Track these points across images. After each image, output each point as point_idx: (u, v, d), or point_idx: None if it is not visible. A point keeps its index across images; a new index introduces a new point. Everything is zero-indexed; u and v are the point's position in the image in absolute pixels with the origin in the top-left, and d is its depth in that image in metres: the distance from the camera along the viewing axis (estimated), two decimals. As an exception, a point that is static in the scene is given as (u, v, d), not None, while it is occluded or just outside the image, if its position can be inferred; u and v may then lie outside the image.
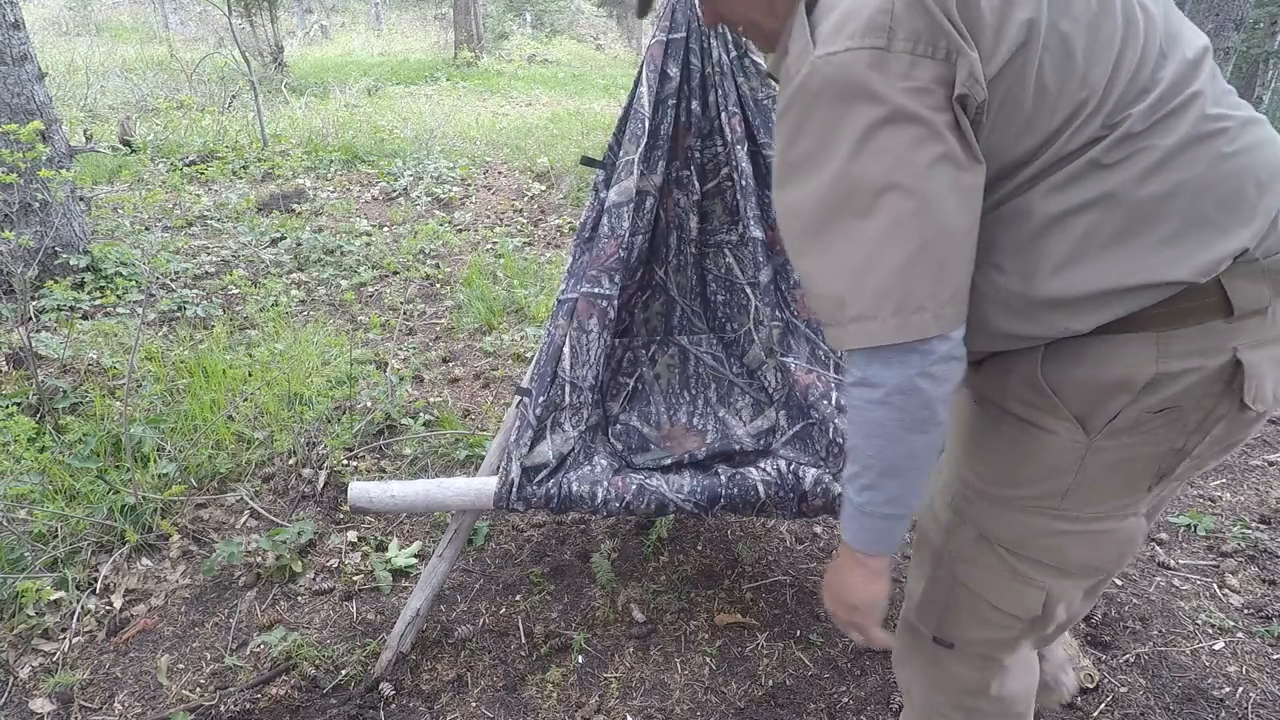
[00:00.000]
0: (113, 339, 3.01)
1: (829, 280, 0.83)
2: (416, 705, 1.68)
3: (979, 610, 1.02)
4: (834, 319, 0.84)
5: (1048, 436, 0.91)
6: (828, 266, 0.83)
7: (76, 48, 11.35)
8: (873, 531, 0.91)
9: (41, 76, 3.49)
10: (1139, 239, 0.82)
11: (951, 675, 1.10)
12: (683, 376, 1.92)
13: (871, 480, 0.88)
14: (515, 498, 1.60)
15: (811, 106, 0.81)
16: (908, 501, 0.88)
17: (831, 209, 0.81)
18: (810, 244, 0.84)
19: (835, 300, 0.83)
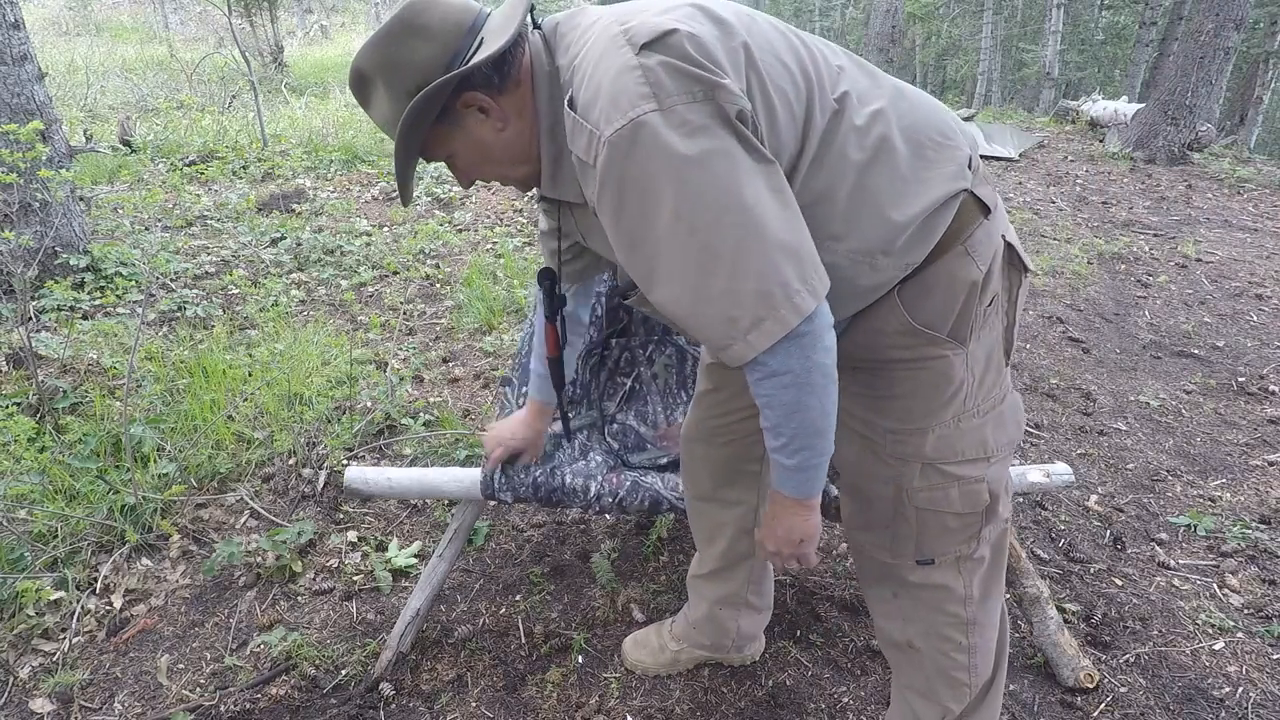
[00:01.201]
0: (113, 339, 3.02)
1: (711, 311, 0.93)
2: (416, 705, 1.68)
3: (945, 523, 1.16)
4: (730, 338, 0.93)
5: (939, 362, 1.08)
6: (703, 300, 0.92)
7: (76, 48, 11.35)
8: (810, 481, 1.05)
9: (41, 76, 3.49)
10: (920, 169, 1.02)
11: (942, 589, 1.21)
12: (680, 376, 1.92)
13: (801, 444, 1.01)
14: (502, 486, 1.60)
15: (622, 178, 0.90)
16: (830, 442, 1.01)
17: (681, 254, 0.91)
18: (679, 290, 0.93)
19: (724, 323, 0.92)
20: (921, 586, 1.22)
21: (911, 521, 1.17)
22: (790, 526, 1.11)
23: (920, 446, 1.12)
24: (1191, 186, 7.12)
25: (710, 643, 1.70)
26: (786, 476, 1.06)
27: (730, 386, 1.42)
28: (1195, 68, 7.76)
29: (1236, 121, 15.49)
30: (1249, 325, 3.98)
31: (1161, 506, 2.46)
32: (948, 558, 1.19)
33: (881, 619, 1.31)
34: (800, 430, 0.99)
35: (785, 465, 1.04)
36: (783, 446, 1.02)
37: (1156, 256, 5.02)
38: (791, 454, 1.02)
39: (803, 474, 1.05)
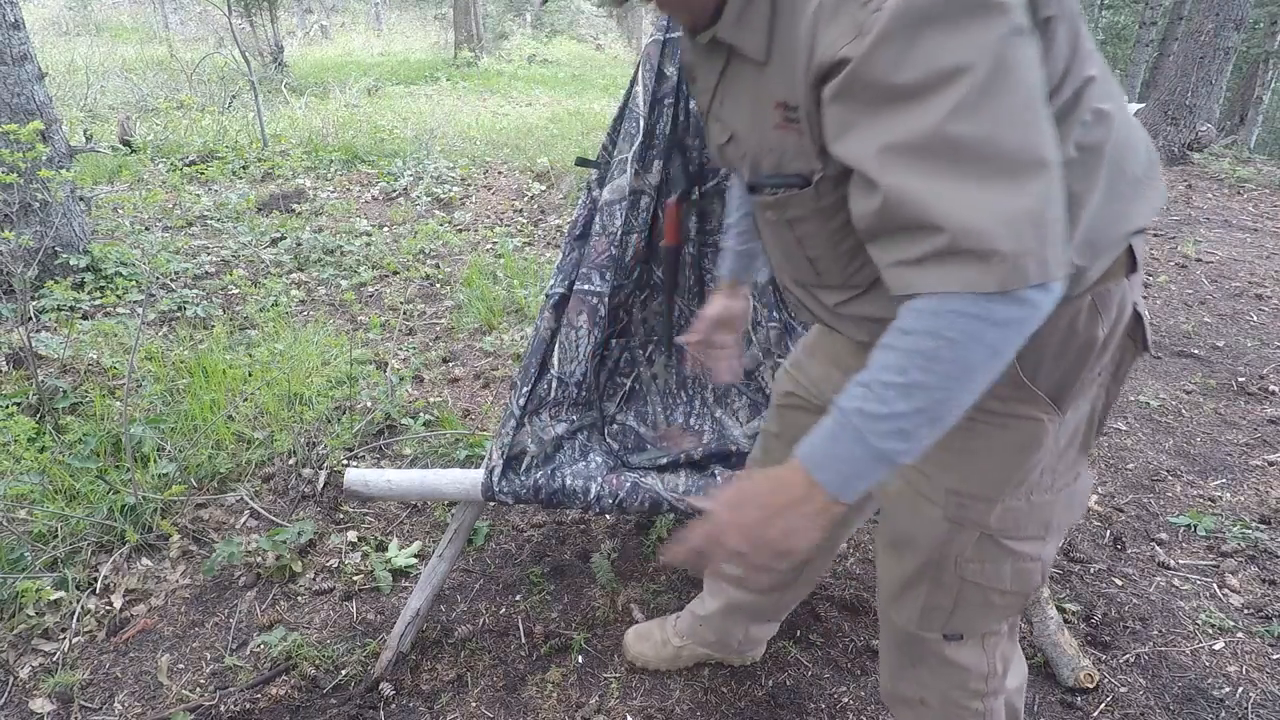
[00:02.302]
0: (113, 339, 3.02)
1: (986, 210, 0.70)
2: (416, 705, 1.68)
3: (988, 599, 1.04)
4: (987, 249, 0.70)
5: (1029, 425, 0.92)
6: (985, 198, 0.70)
7: (76, 48, 11.35)
8: (863, 478, 0.78)
9: (41, 76, 3.49)
10: (1117, 195, 0.86)
11: (964, 665, 1.11)
12: (680, 377, 1.92)
13: (912, 427, 0.75)
14: (502, 488, 1.60)
15: (921, 26, 0.71)
16: (914, 458, 0.78)
17: (972, 136, 0.70)
18: (953, 175, 0.71)
19: (979, 235, 0.70)
20: (944, 661, 1.11)
21: (951, 592, 1.04)
22: (790, 530, 0.81)
23: (984, 515, 0.98)
24: (1191, 186, 7.12)
25: (716, 641, 1.68)
26: (842, 456, 0.78)
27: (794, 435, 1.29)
28: (1195, 68, 7.76)
29: (1236, 121, 15.50)
30: (1249, 325, 3.98)
31: (1161, 506, 2.46)
32: (977, 636, 1.09)
33: (892, 680, 1.22)
34: (937, 409, 0.74)
35: (861, 438, 0.76)
36: (888, 416, 0.75)
37: (1156, 256, 5.02)
38: (885, 434, 0.75)
39: (866, 464, 0.77)
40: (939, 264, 0.72)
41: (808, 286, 1.00)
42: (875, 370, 0.76)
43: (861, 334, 0.99)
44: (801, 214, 0.90)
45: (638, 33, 20.57)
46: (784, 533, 0.81)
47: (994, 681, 1.13)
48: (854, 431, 0.76)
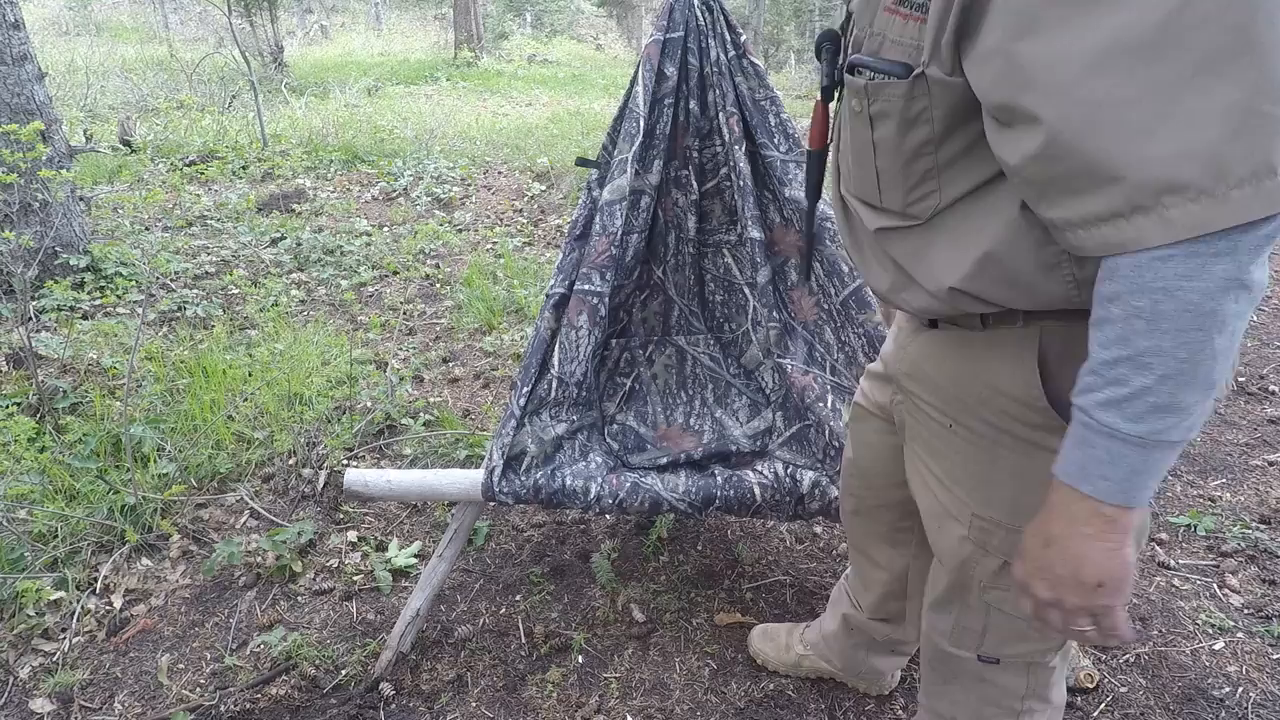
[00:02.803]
0: (113, 339, 3.02)
1: (1201, 130, 0.58)
2: (416, 705, 1.68)
3: (1018, 628, 0.99)
4: (1196, 186, 0.59)
5: (1054, 457, 0.81)
6: (1191, 108, 0.58)
7: (76, 48, 11.35)
8: (1145, 472, 0.67)
9: (41, 76, 3.49)
10: None
11: (1001, 686, 1.07)
12: (680, 377, 1.92)
13: (1168, 397, 0.64)
14: (502, 488, 1.60)
15: None
16: (1197, 423, 0.67)
17: (1201, 37, 0.58)
18: (1158, 83, 0.59)
19: (1207, 159, 0.59)
20: (980, 681, 1.06)
21: (980, 616, 0.99)
22: (1084, 557, 0.71)
23: (1006, 544, 0.92)
24: (1191, 186, 7.12)
25: (839, 661, 1.63)
26: (1103, 458, 0.68)
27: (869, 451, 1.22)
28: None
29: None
30: (1249, 325, 3.98)
31: (1161, 506, 2.46)
32: (1016, 663, 1.03)
33: (928, 696, 1.20)
34: (1176, 375, 0.63)
35: (1116, 434, 0.66)
36: (1122, 400, 0.65)
37: (1156, 256, 5.02)
38: (1139, 415, 0.65)
39: (1136, 456, 0.67)
40: (1142, 210, 0.61)
41: (864, 202, 0.90)
42: (1096, 351, 0.67)
43: (883, 278, 0.92)
44: (886, 110, 0.79)
45: (638, 33, 20.57)
46: (1076, 562, 0.72)
47: (1030, 702, 1.08)
48: (1104, 428, 0.67)
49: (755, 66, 1.75)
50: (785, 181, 1.73)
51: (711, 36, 1.71)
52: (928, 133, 0.78)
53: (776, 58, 17.26)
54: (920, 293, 0.87)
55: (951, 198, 0.80)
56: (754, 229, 1.75)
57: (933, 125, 0.77)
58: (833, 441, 1.64)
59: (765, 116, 1.74)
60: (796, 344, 1.79)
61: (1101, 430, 0.67)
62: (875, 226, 0.89)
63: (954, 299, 0.83)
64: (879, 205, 0.87)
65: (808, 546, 2.17)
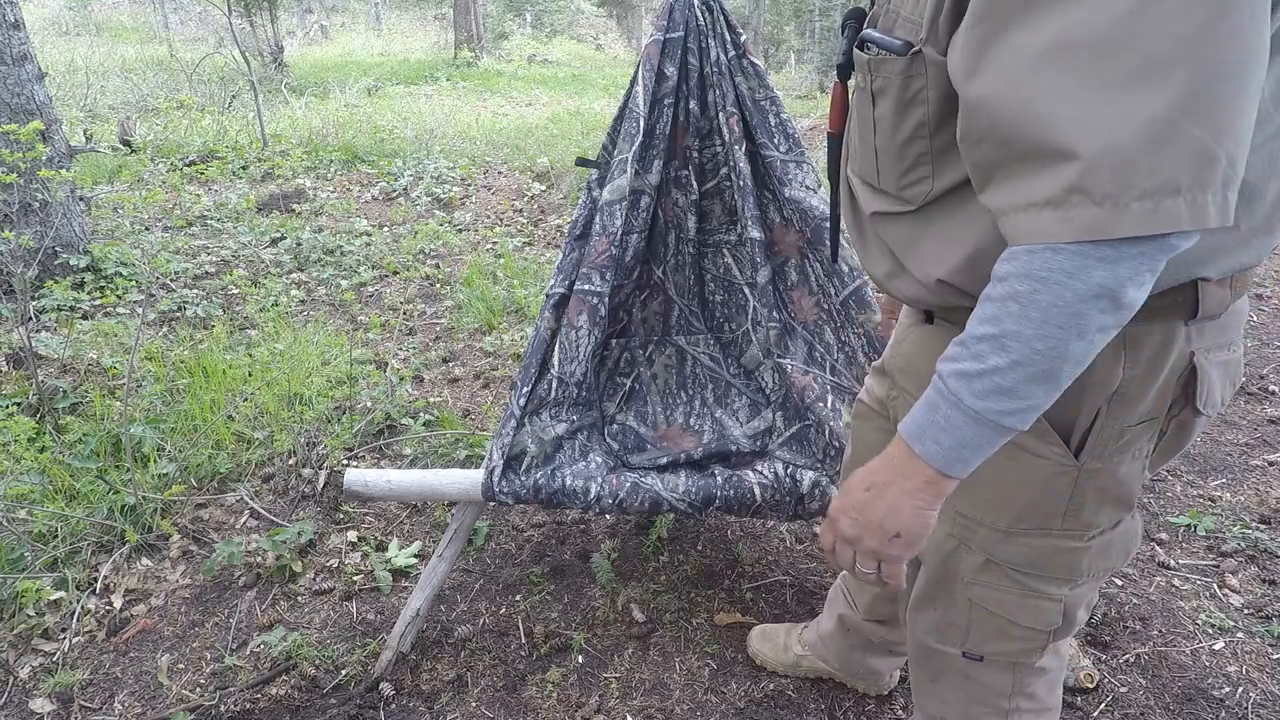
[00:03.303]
0: (113, 339, 3.02)
1: (1122, 135, 0.59)
2: (416, 705, 1.68)
3: (1000, 626, 0.99)
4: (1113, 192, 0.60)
5: (1039, 464, 0.85)
6: (1120, 112, 0.59)
7: (76, 48, 11.36)
8: (971, 446, 0.71)
9: (41, 76, 3.49)
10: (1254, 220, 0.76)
11: (986, 684, 1.07)
12: (680, 377, 1.92)
13: (1013, 382, 0.67)
14: (502, 488, 1.60)
15: None
16: (1030, 418, 0.70)
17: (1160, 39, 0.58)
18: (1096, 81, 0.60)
19: (1123, 163, 0.59)
20: (966, 679, 1.07)
21: (963, 609, 1.00)
22: (894, 506, 0.76)
23: (990, 543, 0.93)
24: (1191, 186, 7.12)
25: (836, 661, 1.64)
26: (941, 424, 0.71)
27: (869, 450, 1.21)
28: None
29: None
30: (1249, 325, 3.98)
31: (1161, 506, 2.46)
32: (1001, 661, 1.03)
33: (918, 695, 1.21)
34: (1026, 366, 0.66)
35: (959, 402, 0.70)
36: (974, 374, 0.69)
37: (1156, 256, 5.02)
38: (983, 393, 0.68)
39: (973, 431, 0.70)
40: (1062, 205, 0.62)
41: (864, 182, 0.91)
42: (970, 325, 0.69)
43: (880, 264, 0.92)
44: (885, 86, 0.80)
45: (638, 33, 20.57)
46: (888, 511, 0.76)
47: (1017, 699, 1.08)
48: (951, 396, 0.70)
49: (755, 66, 1.75)
50: (785, 181, 1.73)
51: (711, 36, 1.71)
52: (923, 114, 0.78)
53: (776, 58, 17.26)
54: (911, 281, 0.88)
55: (943, 187, 0.80)
56: (754, 229, 1.75)
57: (928, 107, 0.77)
58: (833, 441, 1.64)
59: (765, 116, 1.74)
60: (796, 344, 1.79)
61: (948, 397, 0.71)
62: (872, 210, 0.90)
63: (941, 291, 0.84)
64: (876, 185, 0.88)
65: (808, 546, 2.17)
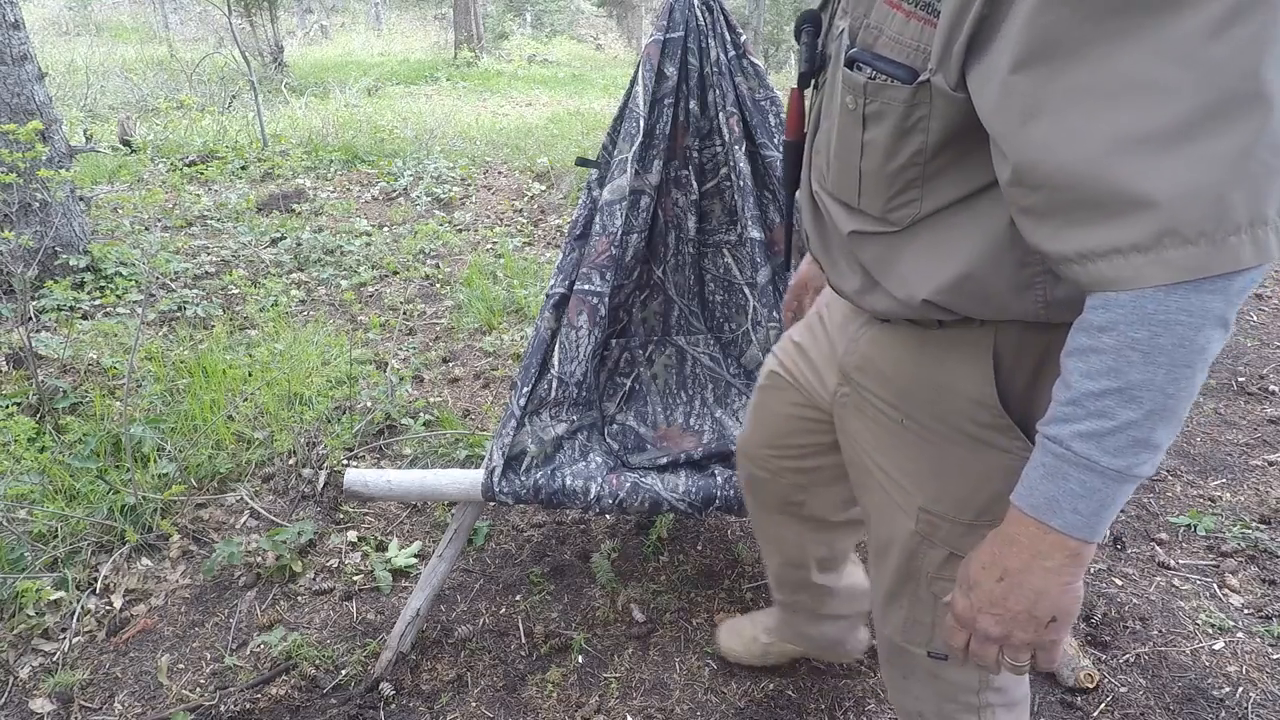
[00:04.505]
0: (113, 339, 3.02)
1: (1211, 177, 0.58)
2: (416, 705, 1.68)
3: None
4: (1200, 232, 0.58)
5: (1005, 458, 0.85)
6: (1210, 168, 0.58)
7: (76, 48, 11.36)
8: (1112, 506, 0.68)
9: (41, 76, 3.49)
10: None
11: (954, 681, 1.08)
12: (680, 377, 1.92)
13: (1149, 432, 0.64)
14: (502, 488, 1.60)
15: None
16: (1160, 458, 0.68)
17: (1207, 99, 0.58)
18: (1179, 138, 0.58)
19: (1210, 202, 0.58)
20: (933, 677, 1.08)
21: (928, 606, 1.00)
22: (1043, 592, 0.71)
23: (953, 538, 0.93)
24: (1191, 186, 7.12)
25: (803, 644, 1.65)
26: (1076, 491, 0.68)
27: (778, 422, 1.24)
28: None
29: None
30: (1249, 325, 3.98)
31: (1161, 506, 2.46)
32: None
33: (892, 692, 1.21)
34: (1152, 415, 0.64)
35: (1095, 467, 0.66)
36: (1100, 434, 0.65)
37: (1156, 256, 5.02)
38: (1116, 451, 0.65)
39: (1109, 490, 0.67)
40: (1149, 250, 0.60)
41: (840, 202, 0.88)
42: (1080, 382, 0.65)
43: (851, 280, 0.92)
44: (883, 112, 0.76)
45: (638, 33, 20.57)
46: (1036, 597, 0.71)
47: (987, 694, 1.09)
48: (1081, 460, 0.66)
49: (755, 66, 1.75)
50: (785, 181, 1.73)
51: (711, 36, 1.71)
52: (921, 142, 0.75)
53: (776, 58, 17.26)
54: (885, 297, 0.87)
55: (932, 208, 0.79)
56: (754, 229, 1.75)
57: (927, 136, 0.75)
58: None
59: (765, 116, 1.74)
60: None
61: (1078, 462, 0.67)
62: (849, 229, 0.87)
63: (924, 309, 0.83)
64: (856, 207, 0.85)
65: (808, 546, 2.17)
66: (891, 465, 0.97)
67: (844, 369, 1.03)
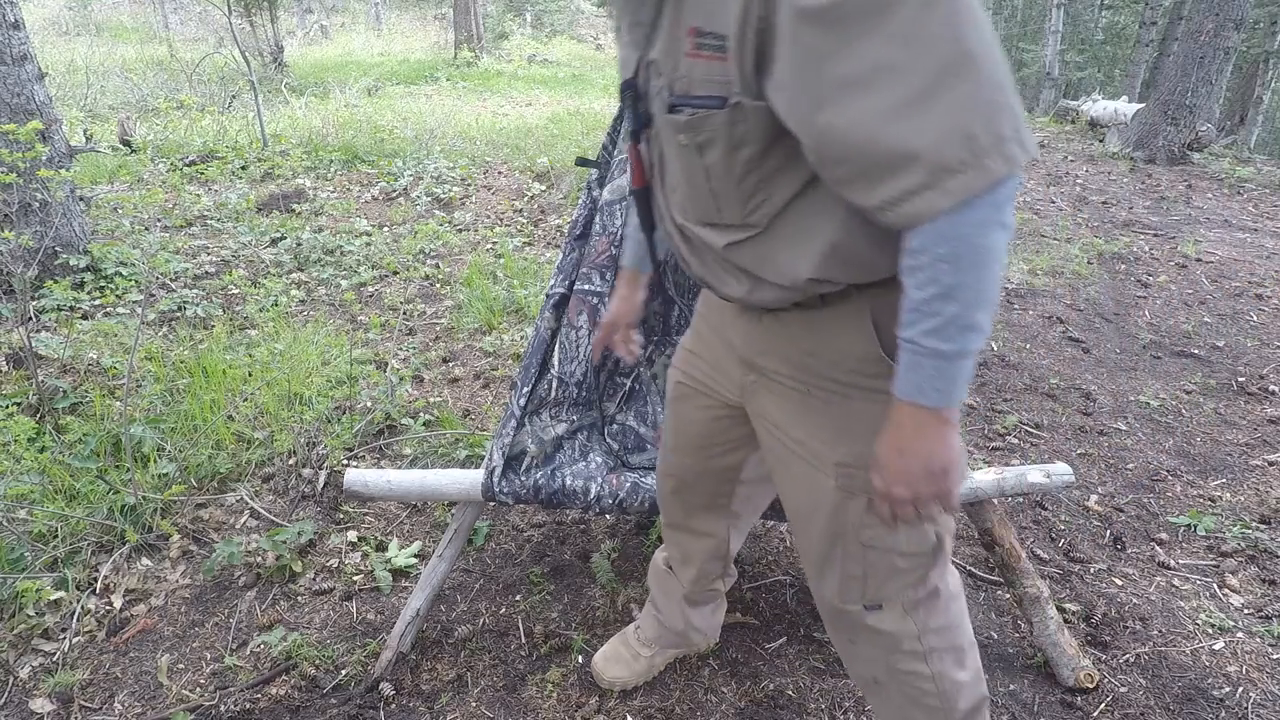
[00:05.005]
0: (113, 339, 3.02)
1: (937, 123, 0.77)
2: (416, 705, 1.68)
3: (890, 563, 1.11)
4: (960, 163, 0.78)
5: (888, 396, 0.98)
6: (933, 109, 0.77)
7: (76, 48, 11.36)
8: (959, 379, 0.88)
9: (41, 76, 3.49)
10: None
11: (894, 632, 1.16)
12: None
13: (965, 322, 0.84)
14: (503, 489, 1.60)
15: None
16: (988, 332, 0.87)
17: (927, 48, 0.77)
18: (901, 91, 0.77)
19: (961, 140, 0.77)
20: (875, 632, 1.17)
21: (859, 560, 1.11)
22: (932, 453, 0.91)
23: (869, 482, 1.05)
24: (1191, 186, 7.12)
25: (688, 641, 1.72)
26: (933, 375, 0.87)
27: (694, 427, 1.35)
28: (1195, 68, 7.76)
29: (1236, 121, 15.50)
30: (1249, 325, 3.98)
31: (1161, 506, 2.46)
32: (894, 603, 1.14)
33: (846, 660, 1.28)
34: (973, 301, 0.83)
35: (939, 354, 0.86)
36: (940, 328, 0.84)
37: (1156, 256, 5.02)
38: (952, 336, 0.84)
39: (957, 366, 0.86)
40: (930, 187, 0.79)
41: (706, 224, 1.03)
42: (913, 293, 0.86)
43: (738, 289, 1.05)
44: (712, 137, 0.93)
45: (638, 33, 20.51)
46: (928, 457, 0.91)
47: (929, 639, 1.17)
48: (927, 350, 0.86)
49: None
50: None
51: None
52: (751, 151, 0.91)
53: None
54: (773, 289, 1.01)
55: (782, 201, 0.94)
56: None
57: (754, 145, 0.91)
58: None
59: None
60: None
61: (927, 352, 0.86)
62: (723, 244, 1.01)
63: (809, 287, 0.98)
64: (720, 222, 1.01)
65: (808, 546, 2.17)
66: (805, 433, 1.10)
67: (747, 359, 1.16)
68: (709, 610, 1.70)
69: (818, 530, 1.13)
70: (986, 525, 1.76)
